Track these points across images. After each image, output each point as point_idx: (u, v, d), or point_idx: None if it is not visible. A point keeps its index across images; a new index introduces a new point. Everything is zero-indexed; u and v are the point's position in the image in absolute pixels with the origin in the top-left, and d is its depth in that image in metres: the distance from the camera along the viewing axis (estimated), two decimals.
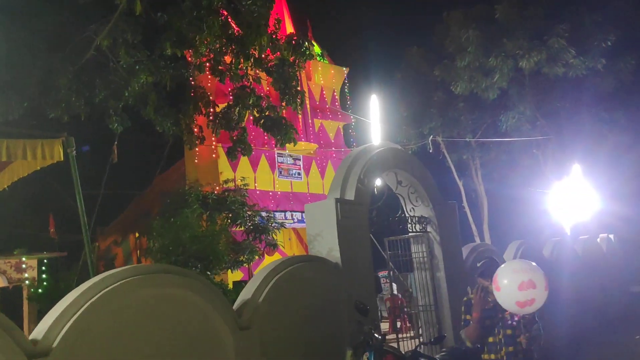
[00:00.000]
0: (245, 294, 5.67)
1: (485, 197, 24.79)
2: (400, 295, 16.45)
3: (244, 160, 20.18)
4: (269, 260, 8.56)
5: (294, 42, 7.74)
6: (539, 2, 17.64)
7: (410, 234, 8.60)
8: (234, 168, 19.85)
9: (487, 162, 25.18)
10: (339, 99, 25.77)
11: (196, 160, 20.24)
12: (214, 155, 19.95)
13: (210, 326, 5.10)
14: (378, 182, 8.91)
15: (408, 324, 14.36)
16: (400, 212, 8.26)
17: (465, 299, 4.76)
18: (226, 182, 16.87)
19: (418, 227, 8.38)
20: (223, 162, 19.53)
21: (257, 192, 20.90)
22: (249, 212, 15.10)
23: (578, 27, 17.08)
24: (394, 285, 14.43)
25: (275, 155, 21.86)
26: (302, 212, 17.43)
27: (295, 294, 6.04)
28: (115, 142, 18.19)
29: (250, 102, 8.15)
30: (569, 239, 14.00)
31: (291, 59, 7.84)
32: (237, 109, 8.10)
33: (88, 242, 7.88)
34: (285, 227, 17.11)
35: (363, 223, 7.18)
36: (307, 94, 22.35)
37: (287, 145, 21.64)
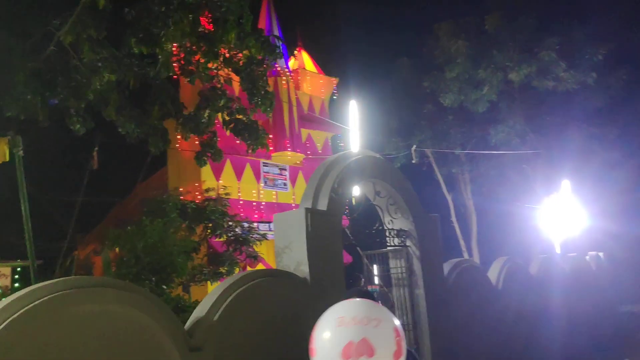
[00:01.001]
0: (199, 312, 5.16)
1: (474, 212, 24.45)
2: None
3: (227, 169, 19.69)
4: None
5: (262, 39, 7.29)
6: (530, 14, 17.40)
7: (389, 248, 8.13)
8: (217, 176, 19.36)
9: (476, 177, 24.89)
10: (328, 109, 25.41)
11: (178, 168, 19.72)
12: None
13: (155, 347, 4.58)
14: (356, 191, 8.47)
15: None
16: (377, 225, 7.78)
17: None
18: (207, 190, 16.40)
19: (396, 240, 7.92)
20: (206, 170, 19.00)
21: (241, 201, 20.38)
22: (230, 223, 14.61)
23: (569, 41, 16.86)
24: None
25: (261, 165, 21.38)
26: None
27: (257, 312, 5.54)
28: (96, 148, 17.59)
29: (221, 104, 7.68)
30: (557, 256, 13.58)
31: (259, 57, 7.41)
32: (207, 111, 7.63)
33: (32, 249, 7.39)
34: (267, 239, 16.61)
35: (336, 235, 6.71)
36: (294, 103, 21.94)
37: (273, 155, 21.26)
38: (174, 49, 6.84)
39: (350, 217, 7.40)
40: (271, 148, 20.68)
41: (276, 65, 21.37)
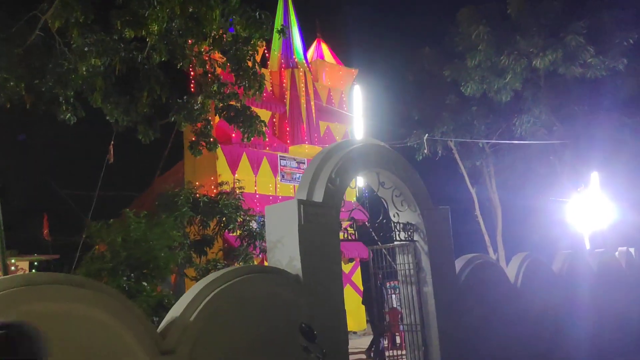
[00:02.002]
0: (175, 311, 4.75)
1: (499, 207, 23.57)
2: (400, 308, 15.39)
3: (244, 163, 19.36)
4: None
5: (247, 15, 6.75)
6: None
7: (395, 243, 7.61)
8: (234, 170, 19.03)
9: (501, 170, 24.04)
10: (347, 101, 24.82)
11: (193, 161, 19.45)
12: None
13: (122, 349, 4.19)
14: (360, 182, 7.97)
15: None
16: (381, 218, 7.26)
17: None
18: (221, 184, 16.08)
19: (403, 234, 7.38)
20: (222, 163, 18.70)
21: (257, 195, 20.02)
22: (243, 217, 14.25)
23: (597, 25, 15.87)
24: (393, 297, 13.42)
25: (278, 158, 20.97)
26: None
27: (240, 312, 5.10)
28: (112, 141, 17.43)
29: (214, 90, 7.23)
30: (584, 252, 12.78)
31: (245, 34, 6.89)
32: (200, 97, 7.19)
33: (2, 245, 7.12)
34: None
35: (332, 229, 6.22)
36: (312, 96, 21.42)
37: (290, 148, 20.80)
38: (162, 31, 6.43)
39: (352, 209, 6.90)
40: (288, 141, 20.23)
41: (293, 57, 20.94)
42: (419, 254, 7.46)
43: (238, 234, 14.07)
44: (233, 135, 16.98)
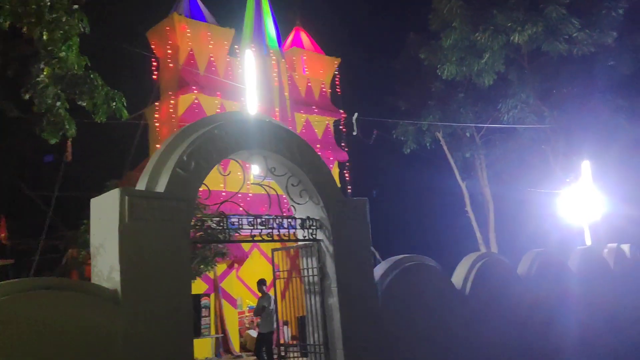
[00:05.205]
0: None
1: (491, 201, 21.98)
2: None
3: None
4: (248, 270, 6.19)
5: None
6: None
7: (299, 243, 6.15)
8: (224, 168, 17.58)
9: (493, 162, 22.49)
10: (329, 92, 23.33)
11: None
12: None
13: None
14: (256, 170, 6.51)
15: None
16: (268, 211, 5.78)
17: None
18: None
19: (302, 233, 5.91)
20: None
21: (223, 194, 18.55)
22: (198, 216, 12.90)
23: None
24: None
25: None
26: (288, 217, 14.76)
27: (18, 345, 3.67)
28: (69, 139, 16.02)
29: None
30: (557, 250, 11.17)
31: None
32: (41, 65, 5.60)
33: None
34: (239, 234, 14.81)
35: (181, 229, 4.75)
36: (286, 86, 19.90)
37: None
38: None
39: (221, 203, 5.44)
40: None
41: (265, 45, 19.46)
42: (323, 257, 5.97)
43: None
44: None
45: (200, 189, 5.12)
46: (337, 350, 5.74)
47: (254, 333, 14.27)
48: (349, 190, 20.53)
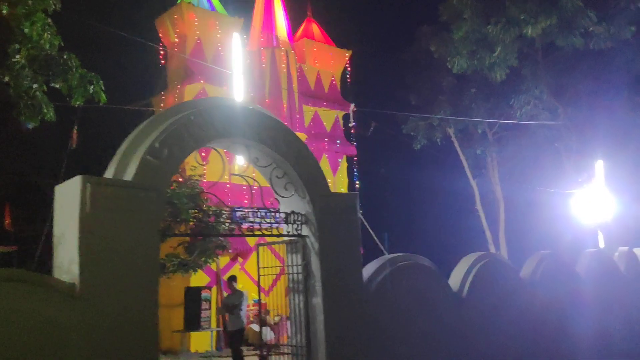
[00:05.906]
0: None
1: (502, 200, 21.48)
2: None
3: (215, 151, 17.72)
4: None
5: None
6: None
7: (284, 239, 5.83)
8: (204, 158, 17.34)
9: (505, 160, 21.95)
10: (339, 84, 22.94)
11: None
12: None
13: None
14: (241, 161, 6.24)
15: None
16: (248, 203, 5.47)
17: None
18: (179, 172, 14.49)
19: (287, 228, 5.59)
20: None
21: (228, 186, 18.33)
22: (199, 209, 12.69)
23: None
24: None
25: None
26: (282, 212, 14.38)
27: None
28: (75, 127, 15.87)
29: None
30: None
31: None
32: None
33: None
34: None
35: (149, 220, 4.45)
36: (295, 78, 19.57)
37: None
38: None
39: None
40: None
41: (274, 35, 19.15)
42: (308, 254, 5.65)
43: (183, 228, 12.52)
44: None
45: (175, 178, 4.83)
46: (319, 353, 5.42)
47: (256, 327, 14.04)
48: (357, 185, 20.13)
